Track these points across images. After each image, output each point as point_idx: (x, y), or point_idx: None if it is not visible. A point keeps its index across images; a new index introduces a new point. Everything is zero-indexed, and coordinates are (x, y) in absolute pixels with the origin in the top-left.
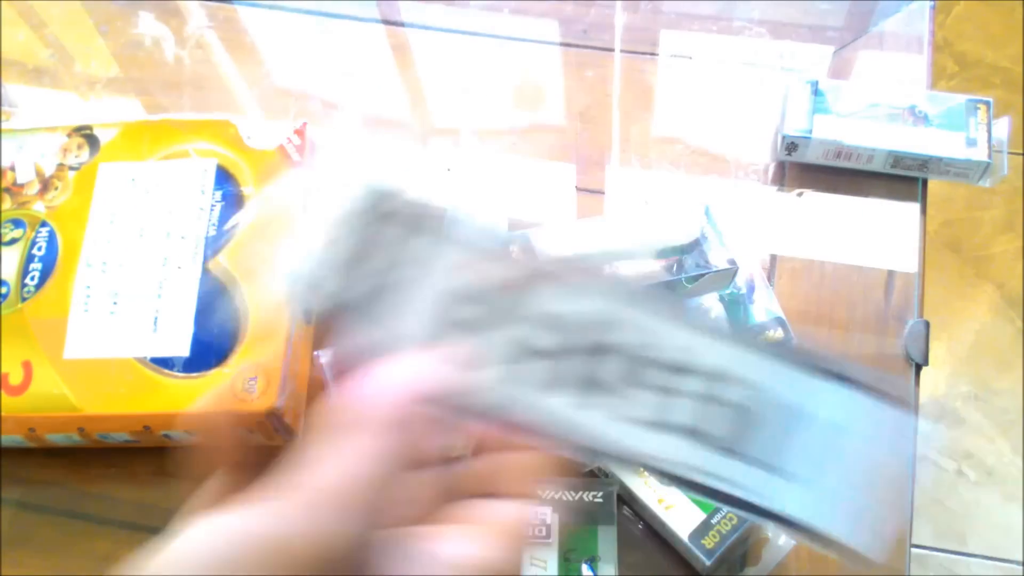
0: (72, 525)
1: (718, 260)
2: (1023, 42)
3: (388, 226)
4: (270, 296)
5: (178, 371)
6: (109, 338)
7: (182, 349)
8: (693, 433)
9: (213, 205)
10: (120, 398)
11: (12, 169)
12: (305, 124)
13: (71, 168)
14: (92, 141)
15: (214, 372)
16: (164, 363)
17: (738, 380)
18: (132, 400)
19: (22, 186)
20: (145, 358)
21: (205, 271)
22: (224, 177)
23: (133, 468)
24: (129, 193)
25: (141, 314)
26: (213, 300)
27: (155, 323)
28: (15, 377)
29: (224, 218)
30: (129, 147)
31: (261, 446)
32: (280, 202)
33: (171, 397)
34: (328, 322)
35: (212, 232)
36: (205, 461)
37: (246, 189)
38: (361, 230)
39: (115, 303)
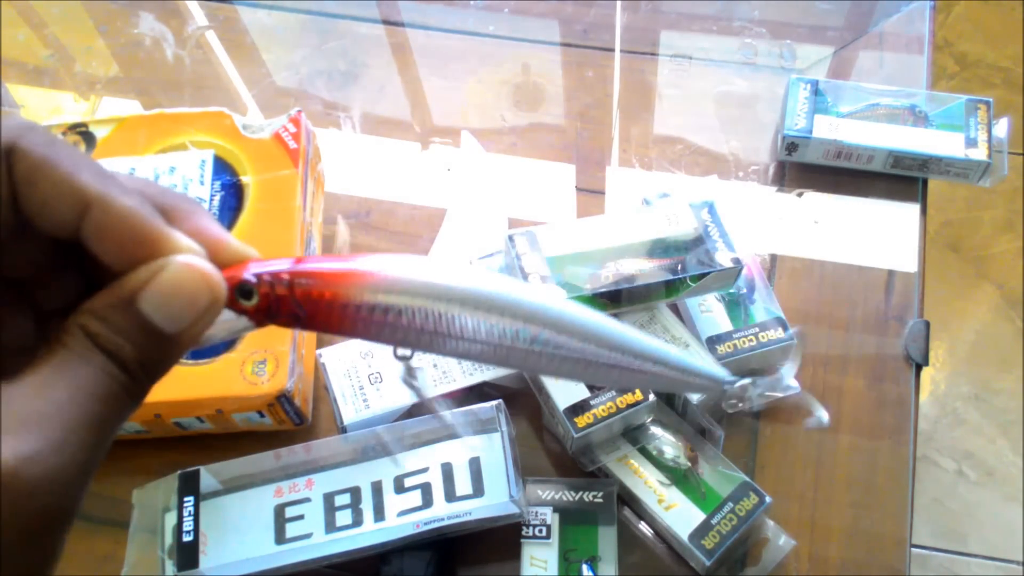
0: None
1: (723, 259)
2: (1023, 42)
3: None
4: None
5: (187, 358)
6: None
7: None
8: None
9: (213, 195)
10: None
11: None
12: (300, 112)
13: None
14: (88, 138)
15: (223, 357)
16: None
17: None
18: None
19: None
20: None
21: None
22: (222, 167)
23: (134, 467)
24: None
25: None
26: None
27: None
28: None
29: (224, 207)
30: (126, 142)
31: None
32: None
33: (181, 384)
34: None
35: None
36: None
37: (244, 178)
38: None
39: None
